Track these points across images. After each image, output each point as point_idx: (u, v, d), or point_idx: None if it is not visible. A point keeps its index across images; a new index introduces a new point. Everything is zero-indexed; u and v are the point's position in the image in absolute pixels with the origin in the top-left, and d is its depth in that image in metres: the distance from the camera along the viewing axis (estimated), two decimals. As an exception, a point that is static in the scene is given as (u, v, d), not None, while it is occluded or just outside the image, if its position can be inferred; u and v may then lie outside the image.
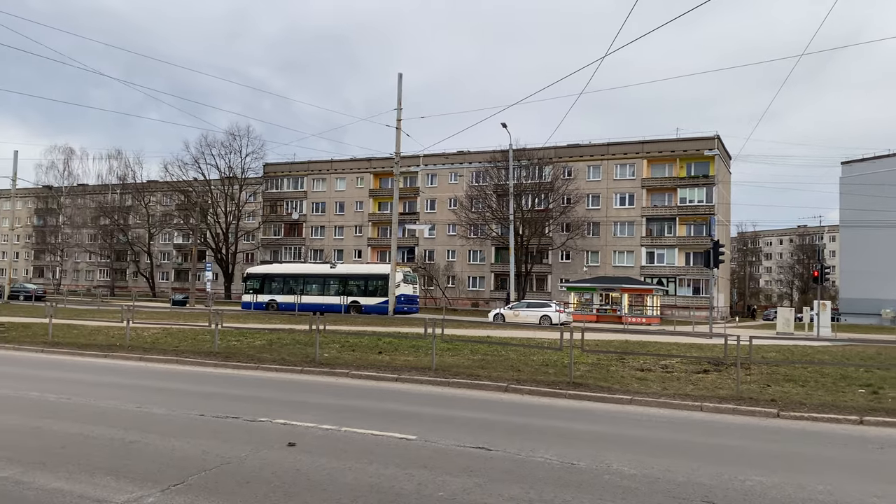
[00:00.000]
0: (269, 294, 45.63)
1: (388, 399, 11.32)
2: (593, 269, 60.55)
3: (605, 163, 62.13)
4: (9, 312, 31.48)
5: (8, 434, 7.87)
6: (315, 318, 16.89)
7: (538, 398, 11.92)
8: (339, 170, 74.82)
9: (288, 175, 76.97)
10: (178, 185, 74.61)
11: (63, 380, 12.56)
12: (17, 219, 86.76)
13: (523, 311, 37.24)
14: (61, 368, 14.44)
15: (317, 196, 75.46)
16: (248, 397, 11.12)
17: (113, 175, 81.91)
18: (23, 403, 9.89)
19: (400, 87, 37.59)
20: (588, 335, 17.34)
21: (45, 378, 12.74)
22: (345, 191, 74.18)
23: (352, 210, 73.46)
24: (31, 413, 9.12)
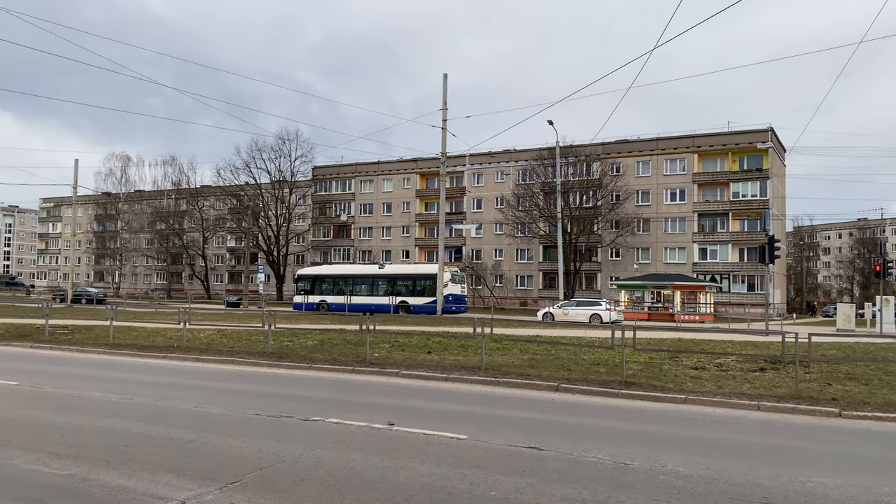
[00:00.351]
0: (319, 295, 46.25)
1: (438, 398, 11.36)
2: (644, 266, 59.63)
3: (654, 158, 61.12)
4: (72, 315, 32.64)
5: (74, 433, 8.16)
6: (365, 319, 17.04)
7: (590, 398, 11.80)
8: (385, 171, 75.40)
9: (336, 177, 77.91)
10: (230, 190, 76.33)
11: (124, 380, 12.97)
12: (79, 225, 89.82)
13: (573, 309, 36.90)
14: (122, 369, 14.92)
15: (364, 197, 76.20)
16: (301, 397, 11.30)
17: (168, 181, 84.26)
18: (87, 403, 10.25)
19: (445, 87, 37.66)
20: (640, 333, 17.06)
21: (108, 379, 13.17)
22: (392, 192, 74.72)
23: (399, 211, 73.93)
24: (95, 413, 9.44)
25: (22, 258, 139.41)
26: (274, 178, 74.77)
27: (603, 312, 35.89)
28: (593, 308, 36.80)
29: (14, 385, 12.04)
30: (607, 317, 35.20)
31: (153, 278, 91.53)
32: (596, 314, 35.82)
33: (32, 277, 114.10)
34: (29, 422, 8.81)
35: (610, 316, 35.35)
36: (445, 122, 37.74)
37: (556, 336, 22.62)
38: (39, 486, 6.00)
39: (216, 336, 21.44)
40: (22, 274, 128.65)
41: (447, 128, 37.84)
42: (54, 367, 15.12)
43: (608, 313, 35.73)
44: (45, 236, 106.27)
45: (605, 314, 35.61)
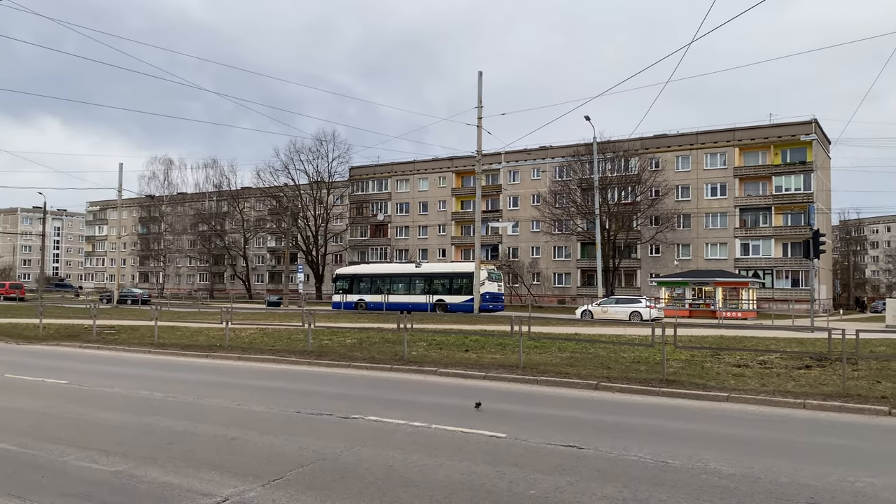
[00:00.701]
0: (357, 294, 46.64)
1: (476, 397, 11.34)
2: (684, 262, 58.74)
3: (694, 152, 60.13)
4: (118, 316, 33.48)
5: (121, 431, 8.38)
6: (402, 317, 17.13)
7: (630, 396, 11.68)
8: (421, 170, 75.61)
9: (372, 177, 78.40)
10: (269, 191, 77.48)
11: (168, 379, 13.26)
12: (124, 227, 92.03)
13: (612, 307, 36.55)
14: (167, 368, 15.25)
15: (401, 197, 76.53)
16: (340, 395, 11.40)
17: (209, 183, 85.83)
18: (133, 402, 10.51)
19: (480, 85, 37.61)
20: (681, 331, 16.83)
21: (153, 377, 13.47)
22: (428, 191, 74.88)
23: (435, 209, 74.08)
24: (141, 411, 9.67)
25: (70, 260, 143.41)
26: (312, 179, 75.66)
27: (643, 310, 35.47)
28: (633, 305, 36.39)
29: (64, 384, 12.40)
30: (647, 314, 34.77)
31: (196, 279, 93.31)
32: (636, 311, 35.42)
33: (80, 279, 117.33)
34: (78, 420, 9.07)
35: (650, 313, 34.90)
36: (481, 119, 37.70)
37: (594, 334, 22.43)
38: (89, 482, 6.17)
39: (257, 335, 21.78)
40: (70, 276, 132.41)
41: (482, 125, 37.82)
42: (102, 366, 15.53)
43: (648, 311, 35.29)
44: (92, 239, 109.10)
45: (645, 311, 35.18)
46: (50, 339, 21.66)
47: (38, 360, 16.50)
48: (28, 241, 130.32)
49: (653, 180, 58.49)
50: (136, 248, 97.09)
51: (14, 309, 38.73)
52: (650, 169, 59.43)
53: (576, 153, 59.85)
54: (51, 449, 7.31)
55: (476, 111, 37.70)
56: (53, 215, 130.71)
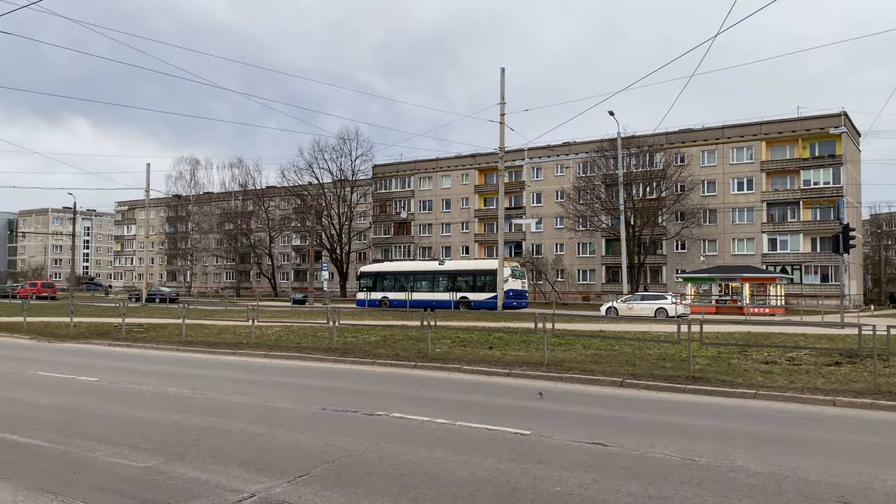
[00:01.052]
0: (381, 291, 46.83)
1: (500, 394, 11.35)
2: (711, 258, 58.10)
3: (720, 147, 59.40)
4: (147, 314, 33.97)
5: (152, 427, 8.51)
6: (426, 315, 17.17)
7: (655, 393, 11.60)
8: (444, 167, 75.62)
9: (395, 175, 78.58)
10: (294, 190, 78.05)
11: (196, 376, 13.43)
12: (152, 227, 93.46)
13: (637, 303, 36.27)
14: (194, 365, 15.44)
15: (424, 194, 76.62)
16: (365, 392, 11.47)
17: (235, 182, 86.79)
18: (162, 399, 10.66)
19: (503, 81, 37.51)
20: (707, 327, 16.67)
21: (181, 375, 13.66)
22: (450, 188, 74.89)
23: (458, 207, 74.06)
24: (169, 408, 9.81)
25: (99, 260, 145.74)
26: (336, 178, 76.07)
27: (668, 306, 35.15)
28: (658, 302, 36.08)
29: (94, 381, 12.62)
30: (673, 311, 34.45)
31: (222, 277, 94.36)
32: (661, 308, 35.11)
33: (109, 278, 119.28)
34: (109, 416, 9.23)
35: (676, 310, 34.58)
36: (503, 116, 37.61)
37: (620, 331, 22.28)
38: (119, 477, 6.28)
39: (283, 333, 21.96)
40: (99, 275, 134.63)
41: (505, 122, 37.71)
42: (131, 363, 15.78)
43: (674, 307, 34.96)
44: (121, 238, 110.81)
45: (671, 308, 34.85)
46: (80, 338, 22.05)
47: (69, 358, 16.81)
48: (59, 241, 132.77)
49: (678, 175, 57.93)
50: (163, 247, 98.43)
51: (46, 308, 39.49)
52: (675, 164, 58.87)
53: (600, 149, 59.48)
54: (82, 445, 7.45)
55: (499, 108, 37.63)
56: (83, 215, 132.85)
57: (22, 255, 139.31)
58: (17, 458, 6.93)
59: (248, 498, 5.67)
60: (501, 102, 37.48)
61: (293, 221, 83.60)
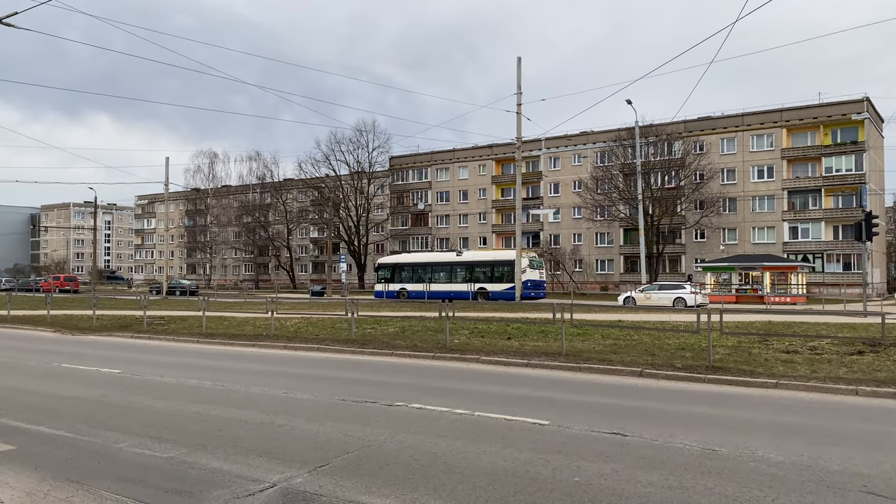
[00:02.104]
0: (399, 283, 46.97)
1: (518, 384, 11.36)
2: (731, 247, 57.58)
3: (739, 134, 58.74)
4: (168, 307, 34.33)
5: (174, 418, 8.61)
6: (444, 305, 17.19)
7: (675, 383, 11.54)
8: (461, 159, 75.50)
9: (412, 167, 78.57)
10: (311, 182, 78.34)
11: (217, 368, 13.57)
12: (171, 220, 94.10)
13: (655, 293, 36.06)
14: (215, 357, 15.59)
15: (441, 186, 76.57)
16: (384, 383, 11.53)
17: (253, 175, 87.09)
18: (184, 390, 10.78)
19: (519, 71, 37.31)
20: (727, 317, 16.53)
21: (202, 366, 13.80)
22: (468, 179, 74.76)
23: (475, 198, 73.95)
24: (191, 399, 9.93)
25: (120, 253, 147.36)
26: (353, 170, 76.22)
27: (687, 296, 34.91)
28: (677, 291, 35.84)
29: (117, 373, 12.79)
30: (692, 300, 34.21)
31: (241, 270, 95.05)
32: (680, 298, 34.88)
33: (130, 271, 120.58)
34: (132, 407, 9.35)
35: (695, 299, 34.32)
36: (520, 106, 37.42)
37: (638, 321, 22.19)
38: (143, 467, 6.37)
39: (302, 324, 22.10)
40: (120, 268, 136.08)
41: (522, 112, 37.52)
42: (152, 355, 15.96)
43: (693, 297, 34.71)
44: (141, 232, 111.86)
45: (690, 297, 34.61)
46: (103, 330, 22.34)
47: (93, 350, 17.05)
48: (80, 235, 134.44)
49: (697, 164, 57.36)
50: (182, 240, 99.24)
51: (69, 301, 40.02)
52: (694, 152, 58.34)
53: (617, 138, 59.05)
54: (106, 436, 7.56)
55: (515, 98, 37.45)
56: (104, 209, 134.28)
57: (44, 250, 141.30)
58: (44, 449, 7.05)
59: (269, 488, 5.73)
60: (518, 92, 37.31)
61: (311, 214, 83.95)
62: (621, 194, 58.69)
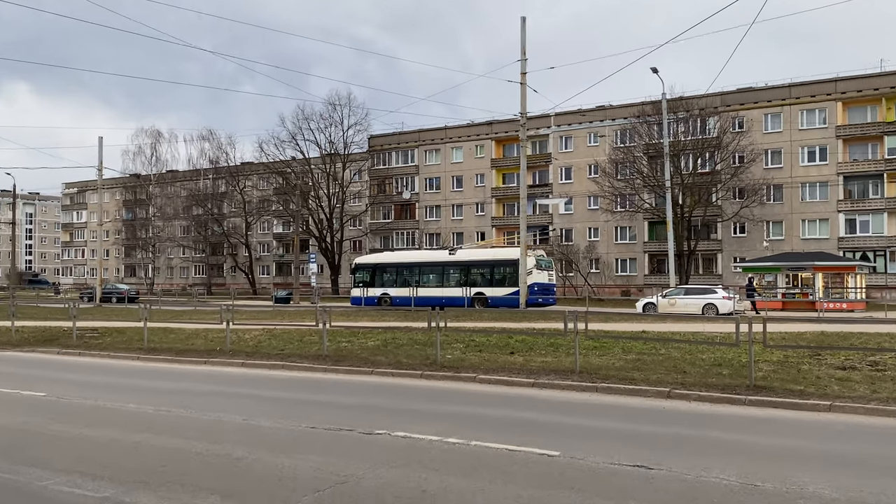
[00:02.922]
0: (380, 287, 46.96)
1: (523, 407, 11.38)
2: (776, 243, 57.81)
3: (786, 109, 59.03)
4: (102, 316, 34.18)
5: (107, 450, 8.58)
6: (434, 314, 17.20)
7: (710, 405, 11.60)
8: (454, 138, 75.54)
9: (396, 147, 78.57)
10: (275, 167, 78.11)
11: (161, 390, 13.53)
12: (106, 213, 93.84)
13: (680, 298, 36.18)
14: (159, 377, 15.55)
15: (430, 170, 76.61)
16: (362, 406, 11.53)
17: (204, 158, 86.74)
18: (121, 416, 10.75)
19: (523, 33, 37.36)
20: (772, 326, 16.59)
21: (143, 388, 13.76)
22: (462, 162, 74.82)
23: (471, 185, 74.01)
24: (130, 427, 9.89)
25: (44, 252, 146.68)
26: (324, 152, 76.02)
27: (719, 301, 35.02)
28: (706, 297, 35.95)
29: (41, 396, 12.73)
30: (725, 307, 34.34)
31: (191, 272, 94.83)
32: (710, 304, 34.99)
33: (56, 274, 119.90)
34: (59, 437, 9.31)
35: (728, 306, 34.47)
36: (525, 75, 37.45)
37: (666, 331, 22.24)
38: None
39: (264, 337, 22.07)
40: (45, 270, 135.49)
41: (527, 82, 37.56)
42: (84, 375, 15.91)
43: (727, 302, 34.84)
44: (69, 226, 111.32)
45: (722, 303, 34.72)
46: (24, 345, 22.22)
47: (12, 369, 16.96)
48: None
49: (736, 144, 57.49)
50: (120, 236, 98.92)
51: (-17, 310, 39.74)
52: (732, 130, 58.51)
53: (641, 113, 59.14)
54: (28, 472, 7.52)
55: (519, 65, 37.47)
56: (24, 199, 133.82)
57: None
58: (-49, 488, 7.00)
59: (224, 533, 5.71)
60: (522, 59, 37.33)
61: (274, 204, 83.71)
62: (646, 181, 58.80)
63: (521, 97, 37.82)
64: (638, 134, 60.60)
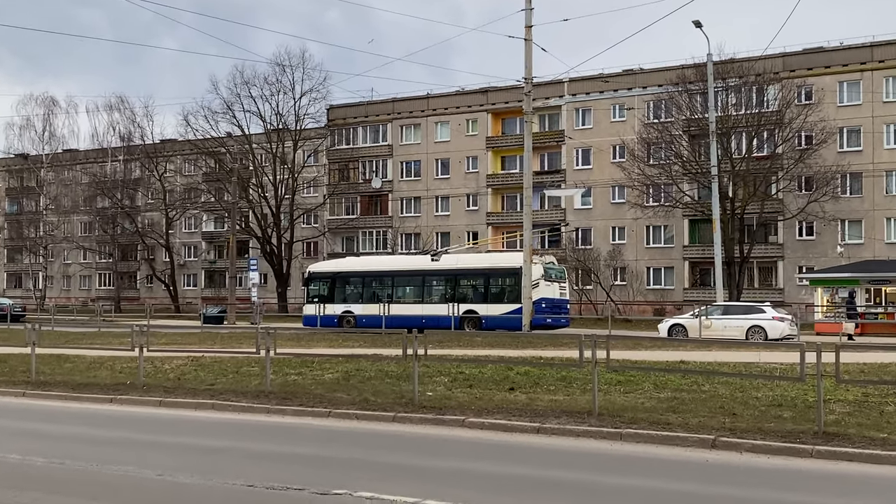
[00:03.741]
0: (342, 303, 46.86)
1: (525, 460, 11.36)
2: (853, 248, 57.93)
3: (866, 75, 59.32)
4: (-23, 340, 33.89)
5: (-18, 514, 8.50)
6: (412, 338, 17.14)
7: (766, 458, 11.62)
8: (439, 110, 75.43)
9: (363, 122, 78.40)
10: (205, 146, 77.47)
11: (54, 436, 13.43)
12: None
13: (717, 319, 36.48)
14: (50, 419, 15.44)
15: (407, 151, 76.46)
16: (315, 458, 11.50)
17: (113, 134, 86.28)
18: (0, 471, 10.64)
19: (529, -26, 37.44)
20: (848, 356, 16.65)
21: (30, 433, 13.65)
22: (449, 142, 74.73)
23: (460, 170, 73.93)
24: (11, 484, 9.78)
25: None
26: (269, 127, 75.63)
27: (768, 324, 35.26)
28: (751, 317, 36.22)
29: None
30: (776, 330, 34.60)
31: (94, 282, 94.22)
32: (757, 326, 35.25)
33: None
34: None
35: (783, 329, 34.75)
36: (530, 29, 37.53)
37: (711, 361, 22.31)
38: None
39: (189, 368, 21.97)
40: None
41: (533, 38, 37.62)
42: (-47, 416, 15.74)
43: (778, 325, 35.12)
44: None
45: (772, 326, 34.98)
46: None
47: None
48: None
49: (802, 121, 57.64)
50: (2, 234, 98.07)
51: None
52: (797, 103, 58.66)
53: (680, 80, 59.27)
54: None
55: (523, 16, 37.55)
56: None
57: None
58: None
59: None
60: (527, 7, 37.44)
61: (204, 195, 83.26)
62: (686, 166, 58.88)
63: (525, 57, 37.91)
64: (676, 106, 60.69)
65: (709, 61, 48.16)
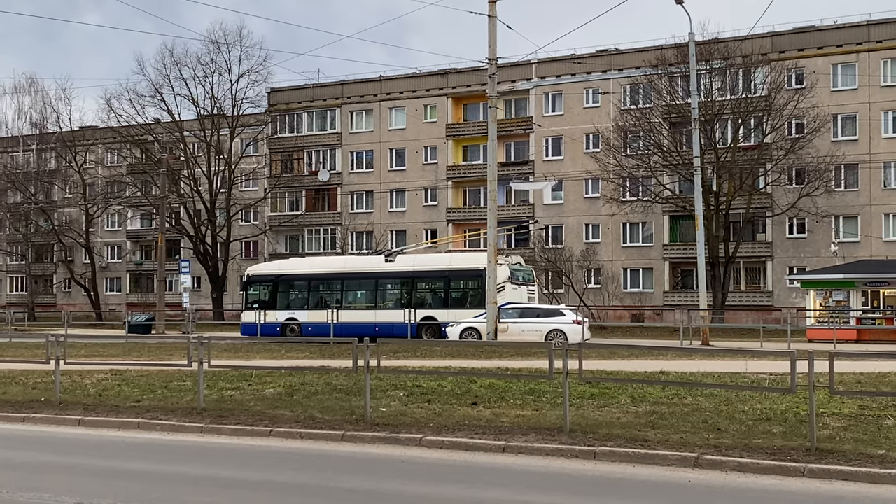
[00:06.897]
0: (285, 309, 46.73)
1: (490, 482, 11.39)
2: (848, 247, 58.46)
3: (861, 57, 59.91)
4: None
5: None
6: (363, 348, 17.11)
7: (753, 477, 11.70)
8: (394, 94, 75.37)
9: (309, 107, 78.10)
10: (130, 133, 76.74)
11: (-42, 460, 13.24)
12: None
13: (514, 323, 38.66)
14: (-45, 441, 15.23)
15: (358, 140, 76.32)
16: (256, 483, 11.44)
17: (24, 120, 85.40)
18: None
19: (493, -56, 37.51)
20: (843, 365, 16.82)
21: (-69, 457, 13.46)
22: (405, 129, 74.66)
23: (417, 162, 73.92)
24: None
25: None
26: (203, 112, 75.17)
27: (570, 327, 37.13)
28: (550, 320, 38.32)
29: None
30: (576, 334, 36.04)
31: (4, 287, 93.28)
32: (557, 330, 36.92)
33: None
34: None
35: (581, 332, 36.51)
36: (495, 4, 37.60)
37: (694, 372, 22.47)
38: None
39: (112, 382, 21.80)
40: None
41: (497, 14, 37.68)
42: None
43: (577, 328, 36.85)
44: None
45: (572, 330, 36.62)
46: None
47: None
48: None
49: (793, 107, 58.04)
50: None
51: None
52: (788, 87, 59.09)
53: (660, 61, 59.56)
54: None
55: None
56: None
57: None
58: None
59: None
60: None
61: (129, 188, 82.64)
62: (666, 157, 59.18)
63: (489, 36, 37.97)
64: (656, 91, 60.98)
65: (691, 41, 48.42)
